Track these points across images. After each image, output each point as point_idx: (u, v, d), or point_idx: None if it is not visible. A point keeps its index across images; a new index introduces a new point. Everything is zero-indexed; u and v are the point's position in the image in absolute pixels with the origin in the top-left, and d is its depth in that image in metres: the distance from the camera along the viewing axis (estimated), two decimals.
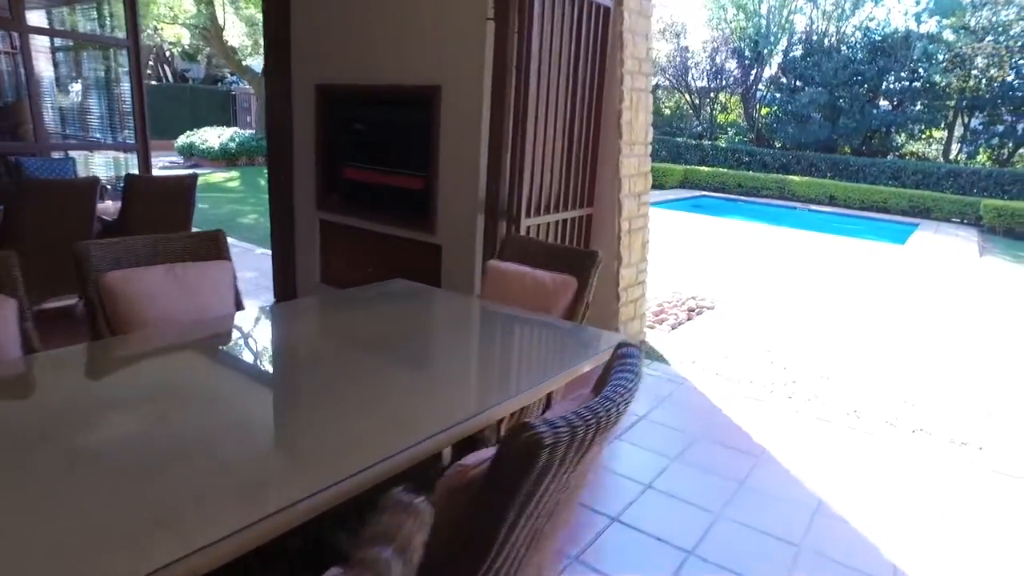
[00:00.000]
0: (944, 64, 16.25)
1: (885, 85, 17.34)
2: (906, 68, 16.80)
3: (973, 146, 17.14)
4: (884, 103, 17.70)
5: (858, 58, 17.33)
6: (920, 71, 16.79)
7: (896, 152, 17.88)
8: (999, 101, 15.97)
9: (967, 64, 15.86)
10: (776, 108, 19.08)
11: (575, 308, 2.32)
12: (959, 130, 17.58)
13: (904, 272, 8.21)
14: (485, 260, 3.11)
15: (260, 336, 2.09)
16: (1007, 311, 6.52)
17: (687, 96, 20.99)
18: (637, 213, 4.22)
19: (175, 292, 2.11)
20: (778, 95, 18.99)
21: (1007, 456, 3.22)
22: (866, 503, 2.70)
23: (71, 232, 3.85)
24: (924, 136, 18.19)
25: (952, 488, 2.89)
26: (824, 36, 18.89)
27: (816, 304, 6.13)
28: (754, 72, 19.59)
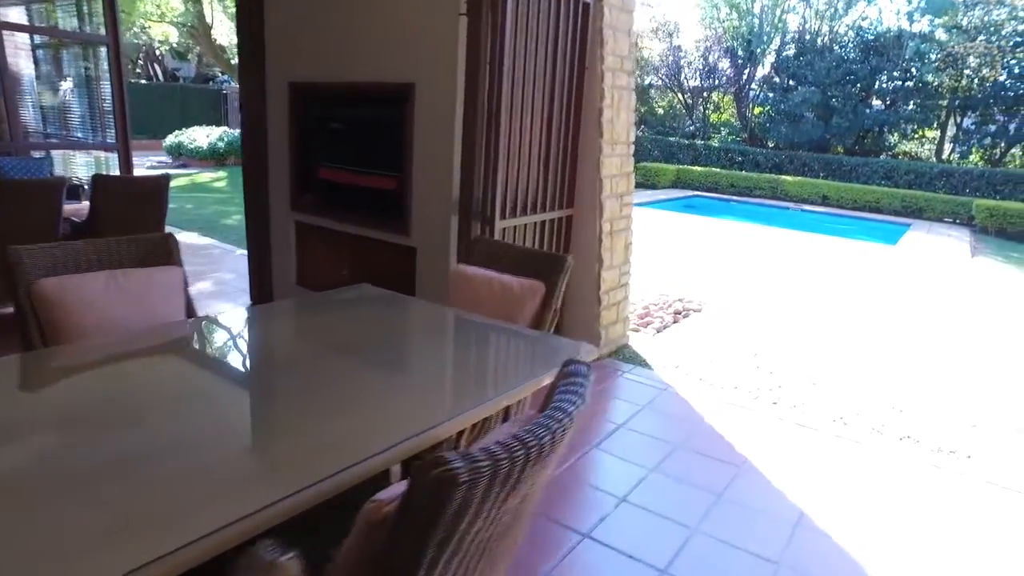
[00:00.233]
0: (936, 63, 16.19)
1: (878, 84, 17.27)
2: (899, 67, 16.74)
3: (966, 146, 17.08)
4: (877, 102, 17.63)
5: (851, 57, 17.25)
6: (913, 71, 16.73)
7: (889, 152, 17.82)
8: (991, 101, 15.91)
9: (959, 64, 15.80)
10: (769, 107, 19.00)
11: (543, 315, 2.21)
12: (951, 130, 17.53)
13: (895, 273, 8.13)
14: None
15: (202, 345, 1.98)
16: (997, 313, 6.44)
17: (680, 95, 20.90)
18: (619, 214, 4.12)
19: (117, 300, 2.00)
20: (771, 94, 18.91)
21: (996, 465, 3.12)
22: (849, 516, 2.60)
23: (34, 234, 3.70)
24: (917, 136, 18.13)
25: (939, 501, 2.79)
26: (817, 35, 18.81)
27: (805, 306, 6.04)
28: (747, 71, 19.50)
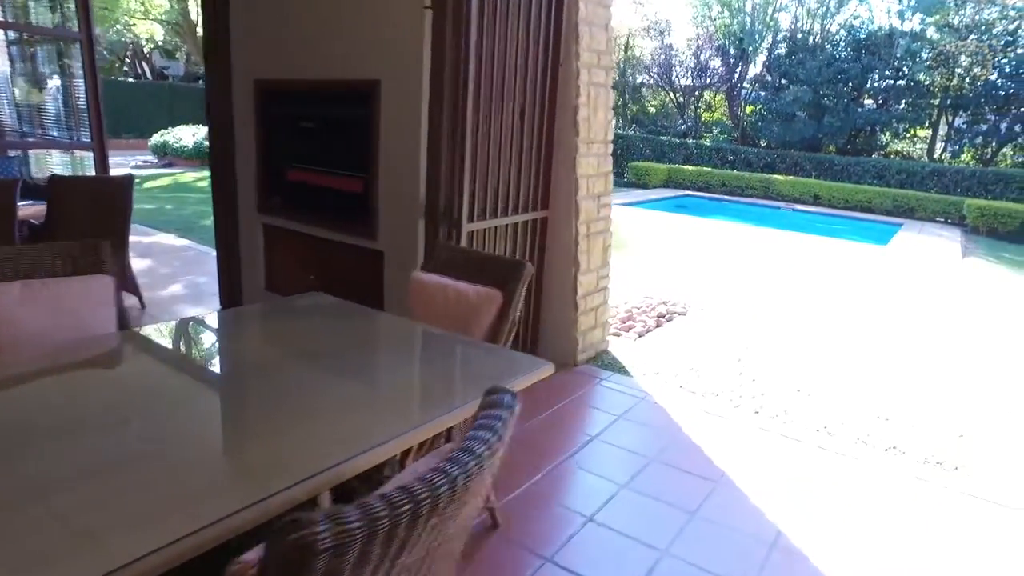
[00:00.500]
0: (928, 62, 16.12)
1: (869, 83, 17.19)
2: (890, 66, 16.66)
3: (957, 145, 17.03)
4: (869, 101, 17.55)
5: (842, 56, 17.17)
6: (904, 69, 16.65)
7: (881, 151, 17.74)
8: (982, 100, 15.85)
9: (951, 62, 15.73)
10: (761, 106, 18.90)
11: (499, 326, 2.07)
12: (943, 129, 17.47)
13: (885, 275, 8.02)
14: None
15: (123, 360, 1.83)
16: (988, 316, 6.34)
17: (671, 94, 20.79)
18: (597, 216, 3.98)
19: (34, 313, 1.85)
20: (763, 93, 18.81)
21: (985, 478, 3.00)
22: (828, 536, 2.47)
23: None
24: (908, 135, 18.07)
25: (924, 517, 2.66)
26: (809, 34, 18.73)
27: (792, 309, 5.92)
28: (739, 70, 19.41)
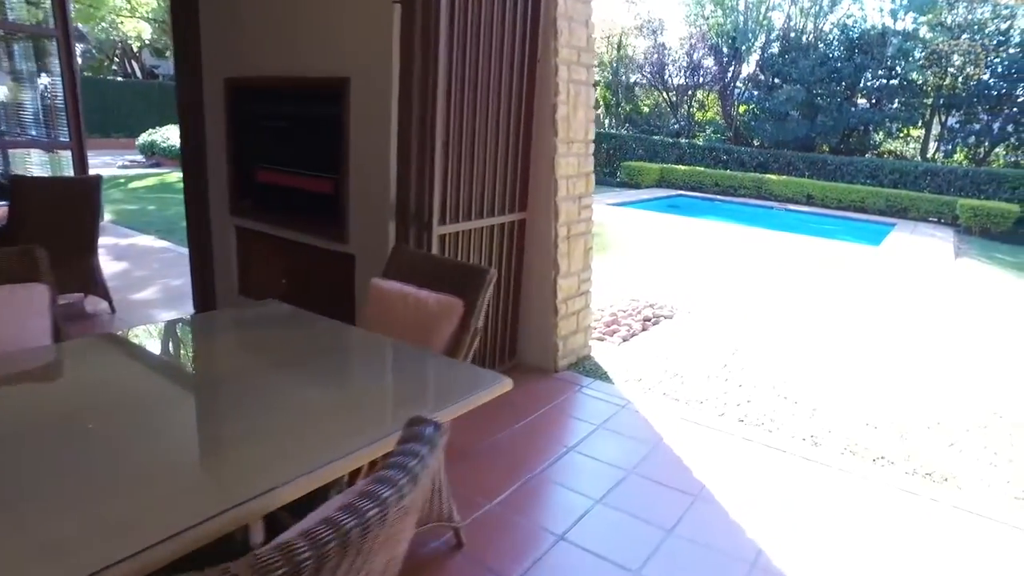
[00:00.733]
0: (921, 61, 16.06)
1: (862, 83, 17.11)
2: (883, 66, 16.59)
3: (950, 145, 16.96)
4: (862, 101, 17.48)
5: (835, 55, 17.10)
6: (897, 69, 16.58)
7: (874, 151, 17.68)
8: (975, 100, 15.79)
9: (944, 62, 15.67)
10: (754, 106, 18.82)
11: (460, 336, 1.95)
12: (936, 128, 17.41)
13: (877, 276, 7.93)
14: None
15: (54, 375, 1.71)
16: (980, 319, 6.25)
17: (664, 94, 20.69)
18: (578, 217, 3.86)
19: None
20: (756, 93, 18.73)
21: (975, 490, 2.89)
22: (812, 554, 2.36)
23: None
24: (902, 134, 18.00)
25: (912, 533, 2.55)
26: (802, 33, 18.66)
27: (782, 312, 5.82)
28: (732, 69, 19.32)
